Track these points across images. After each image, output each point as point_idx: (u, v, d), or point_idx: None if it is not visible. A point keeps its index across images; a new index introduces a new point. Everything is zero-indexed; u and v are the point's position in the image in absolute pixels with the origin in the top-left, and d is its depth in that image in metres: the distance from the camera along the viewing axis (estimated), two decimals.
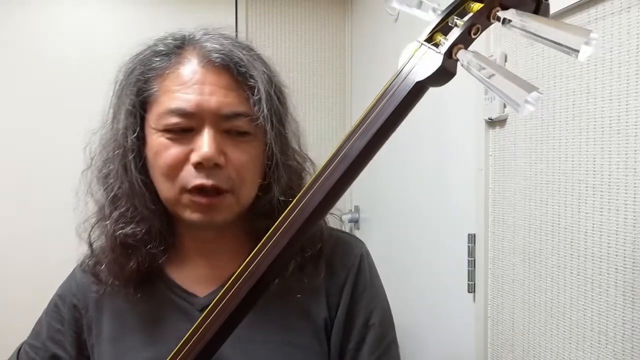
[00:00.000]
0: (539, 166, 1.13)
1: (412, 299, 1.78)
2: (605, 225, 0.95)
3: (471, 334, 1.39)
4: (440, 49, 0.49)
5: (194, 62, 0.66)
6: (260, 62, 0.69)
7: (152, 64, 0.67)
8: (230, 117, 0.65)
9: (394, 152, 1.91)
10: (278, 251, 0.53)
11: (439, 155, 1.61)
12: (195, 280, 0.73)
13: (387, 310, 0.78)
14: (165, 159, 0.65)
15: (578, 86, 1.01)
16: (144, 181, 0.68)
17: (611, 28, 0.93)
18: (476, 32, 0.49)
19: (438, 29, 0.51)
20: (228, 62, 0.66)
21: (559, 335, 1.07)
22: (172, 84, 0.65)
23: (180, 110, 0.64)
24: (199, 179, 0.64)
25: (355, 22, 2.46)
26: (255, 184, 0.69)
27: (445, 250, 1.56)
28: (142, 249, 0.69)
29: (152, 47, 0.69)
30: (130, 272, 0.70)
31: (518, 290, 1.21)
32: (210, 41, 0.68)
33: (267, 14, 2.41)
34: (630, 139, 0.89)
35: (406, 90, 0.50)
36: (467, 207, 1.41)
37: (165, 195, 0.68)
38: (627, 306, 0.90)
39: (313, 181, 0.54)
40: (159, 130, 0.65)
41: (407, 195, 1.83)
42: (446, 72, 0.49)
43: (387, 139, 0.54)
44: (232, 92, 0.65)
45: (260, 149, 0.68)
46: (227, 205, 0.66)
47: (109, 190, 0.70)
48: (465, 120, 1.42)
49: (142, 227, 0.69)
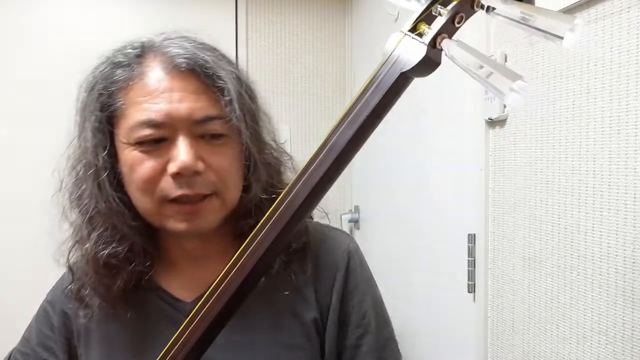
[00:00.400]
0: (539, 166, 1.13)
1: (412, 299, 1.78)
2: (605, 225, 0.95)
3: (471, 334, 1.39)
4: (424, 39, 0.49)
5: (158, 70, 0.63)
6: (226, 62, 0.67)
7: (114, 77, 0.65)
8: (203, 121, 0.63)
9: (395, 152, 1.91)
10: (265, 247, 0.52)
11: (439, 155, 1.61)
12: (182, 285, 0.72)
13: (379, 304, 0.76)
14: (141, 173, 0.63)
15: (578, 86, 1.01)
16: (120, 198, 0.66)
17: (611, 28, 0.93)
18: (460, 20, 0.49)
19: (422, 18, 0.50)
20: (193, 66, 0.63)
21: (559, 335, 1.07)
22: (138, 95, 0.63)
23: (151, 122, 0.61)
24: (180, 190, 0.62)
25: (355, 22, 2.46)
26: (238, 185, 0.67)
27: (445, 250, 1.56)
28: (127, 267, 0.68)
29: (111, 58, 0.67)
30: (118, 292, 0.68)
31: (518, 290, 1.21)
32: (172, 46, 0.65)
33: (267, 14, 2.41)
34: (630, 139, 0.89)
35: (391, 81, 0.50)
36: (467, 207, 1.41)
37: (144, 208, 0.66)
38: (627, 306, 0.90)
39: (300, 174, 0.53)
40: (131, 144, 0.63)
41: (407, 195, 1.83)
42: (430, 61, 0.49)
43: (374, 130, 0.53)
44: (202, 96, 0.63)
45: (237, 150, 0.66)
46: (212, 210, 0.65)
47: (84, 212, 0.68)
48: (465, 120, 1.42)
49: (124, 246, 0.67)
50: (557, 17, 0.44)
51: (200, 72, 0.64)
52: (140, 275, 0.69)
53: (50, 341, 0.76)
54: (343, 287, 0.72)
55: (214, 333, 0.54)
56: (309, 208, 0.55)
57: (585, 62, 0.99)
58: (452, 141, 1.53)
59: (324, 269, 0.72)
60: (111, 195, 0.65)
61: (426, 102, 1.65)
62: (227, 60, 0.68)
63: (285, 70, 2.43)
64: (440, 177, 1.60)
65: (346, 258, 0.74)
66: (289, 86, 2.44)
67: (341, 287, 0.72)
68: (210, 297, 0.53)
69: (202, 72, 0.64)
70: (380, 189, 2.10)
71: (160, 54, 0.65)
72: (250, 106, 0.67)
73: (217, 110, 0.64)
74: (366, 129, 0.52)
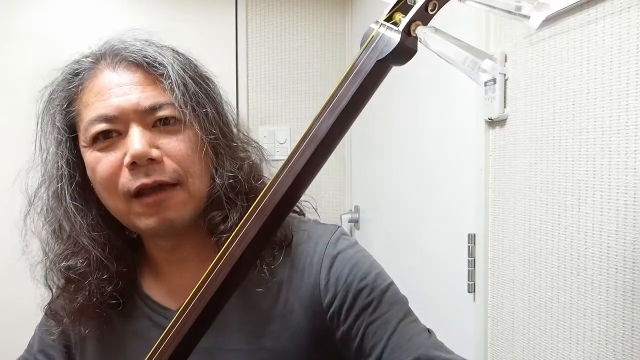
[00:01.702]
0: (539, 166, 1.13)
1: (412, 299, 1.77)
2: (605, 225, 0.95)
3: (471, 334, 1.39)
4: (399, 27, 0.50)
5: (106, 70, 0.65)
6: (170, 52, 0.68)
7: (70, 86, 0.67)
8: (153, 109, 0.63)
9: (394, 152, 1.91)
10: (250, 239, 0.52)
11: (439, 155, 1.61)
12: (169, 292, 0.72)
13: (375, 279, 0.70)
14: (101, 171, 0.63)
15: (578, 86, 1.01)
16: (78, 208, 0.66)
17: (611, 28, 0.93)
18: (433, 8, 0.50)
19: (397, 8, 0.52)
20: (136, 59, 0.65)
21: (559, 335, 1.07)
22: (89, 98, 0.65)
23: (102, 117, 0.63)
24: (138, 180, 0.62)
25: (355, 22, 2.46)
26: (203, 174, 0.66)
27: (445, 250, 1.56)
28: (84, 282, 0.66)
29: (66, 69, 0.69)
30: (80, 309, 0.67)
31: (518, 290, 1.21)
32: (118, 45, 0.67)
33: (267, 14, 2.41)
34: (630, 139, 0.89)
35: (368, 69, 0.51)
36: (467, 207, 1.41)
37: (115, 211, 0.65)
38: (627, 306, 0.90)
39: (284, 165, 0.53)
40: (89, 145, 0.64)
41: (407, 195, 1.83)
42: (406, 49, 0.50)
43: (355, 118, 0.54)
44: (148, 87, 0.64)
45: (195, 137, 0.65)
46: (179, 201, 0.64)
47: (49, 225, 0.68)
48: (465, 120, 1.42)
49: (81, 259, 0.66)
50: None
51: (143, 63, 0.65)
52: (100, 293, 0.67)
53: (51, 349, 0.77)
54: (332, 294, 0.67)
55: (194, 338, 0.53)
56: (295, 196, 0.55)
57: (585, 62, 0.99)
58: (452, 141, 1.53)
59: (307, 273, 0.68)
60: (68, 205, 0.65)
61: (426, 102, 1.65)
62: (173, 51, 0.69)
63: (285, 70, 2.43)
64: (440, 177, 1.60)
65: (327, 259, 0.69)
66: (289, 86, 2.44)
67: (330, 295, 0.67)
68: (192, 301, 0.53)
69: (144, 63, 0.65)
70: (380, 189, 2.10)
71: (109, 55, 0.67)
72: (196, 91, 0.66)
73: (165, 98, 0.64)
74: (346, 117, 0.52)
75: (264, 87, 2.39)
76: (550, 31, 1.08)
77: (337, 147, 0.54)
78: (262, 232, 0.53)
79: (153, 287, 0.73)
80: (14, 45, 2.12)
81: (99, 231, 0.67)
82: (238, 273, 0.54)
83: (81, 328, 0.70)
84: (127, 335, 0.71)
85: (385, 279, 0.72)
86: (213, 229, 0.66)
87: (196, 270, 0.69)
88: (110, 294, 0.68)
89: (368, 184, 2.25)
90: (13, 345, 0.87)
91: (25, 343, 0.81)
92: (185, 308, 0.53)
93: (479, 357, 1.35)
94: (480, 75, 0.45)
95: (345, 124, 0.53)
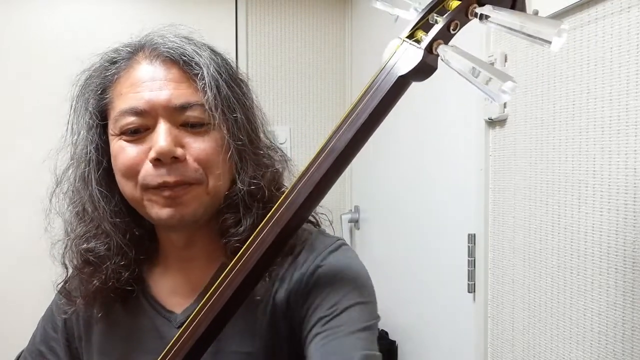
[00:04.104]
0: (539, 166, 1.13)
1: (412, 299, 1.78)
2: (605, 225, 0.95)
3: (471, 334, 1.39)
4: (421, 45, 0.52)
5: (143, 63, 0.66)
6: (208, 52, 0.68)
7: (106, 73, 0.67)
8: (183, 108, 0.64)
9: (394, 152, 1.91)
10: (265, 248, 0.53)
11: (439, 155, 1.61)
12: (173, 292, 0.72)
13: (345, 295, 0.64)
14: (123, 160, 0.64)
15: (578, 86, 1.01)
16: (102, 193, 0.67)
17: (611, 28, 0.93)
18: (455, 27, 0.52)
19: (419, 26, 0.54)
20: (174, 55, 0.65)
21: (559, 335, 1.07)
22: (123, 88, 0.65)
23: (132, 109, 0.63)
24: (160, 177, 0.62)
25: (355, 22, 2.46)
26: (224, 175, 0.66)
27: (445, 250, 1.56)
28: (102, 266, 0.67)
29: (105, 57, 0.69)
30: (95, 291, 0.68)
31: (518, 290, 1.21)
32: (157, 39, 0.68)
33: (267, 14, 2.41)
34: (630, 139, 0.89)
35: (389, 85, 0.52)
36: (467, 207, 1.41)
37: (129, 197, 0.66)
38: (627, 306, 0.90)
39: (300, 176, 0.53)
40: (117, 134, 0.65)
41: (407, 195, 1.83)
42: (427, 66, 0.51)
43: (373, 133, 0.55)
44: (182, 84, 0.65)
45: (221, 140, 0.65)
46: (195, 197, 0.64)
47: (73, 207, 0.69)
48: (465, 120, 1.42)
49: (102, 243, 0.67)
50: (545, 23, 0.46)
51: (179, 60, 0.65)
52: (117, 279, 0.68)
53: (53, 341, 0.77)
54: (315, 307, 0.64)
55: (205, 343, 0.54)
56: (309, 208, 0.55)
57: (585, 62, 0.99)
58: (452, 141, 1.53)
59: (295, 280, 0.67)
60: (94, 189, 0.66)
61: (426, 102, 1.65)
62: (211, 51, 0.69)
63: (285, 71, 2.43)
64: (440, 177, 1.60)
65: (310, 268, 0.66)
66: (289, 86, 2.44)
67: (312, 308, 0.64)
68: (202, 309, 0.53)
69: (181, 61, 0.65)
70: (380, 189, 2.10)
71: (148, 48, 0.67)
72: (228, 95, 0.66)
73: (197, 98, 0.64)
74: (365, 131, 0.53)
75: (264, 87, 2.39)
76: None
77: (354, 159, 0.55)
78: (277, 241, 0.54)
79: (158, 282, 0.73)
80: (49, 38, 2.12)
81: (122, 218, 0.68)
82: (251, 281, 0.55)
83: (93, 311, 0.72)
84: (131, 333, 0.71)
85: (355, 298, 0.63)
86: (224, 231, 0.66)
87: (202, 272, 0.70)
88: (126, 280, 0.69)
89: (368, 184, 2.25)
90: None
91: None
92: (198, 312, 0.54)
93: (479, 357, 1.35)
94: (500, 96, 0.46)
95: (364, 138, 0.54)
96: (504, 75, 0.46)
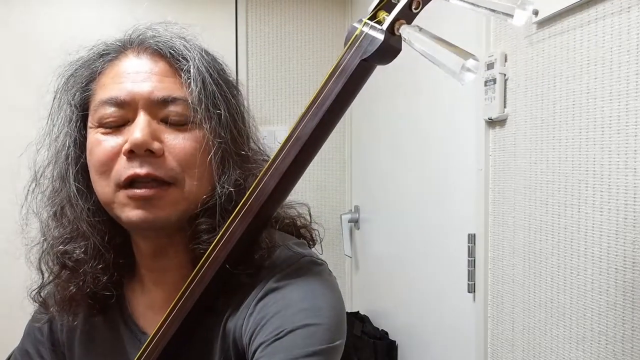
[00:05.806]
0: (539, 166, 1.13)
1: (412, 299, 1.78)
2: (605, 225, 0.95)
3: (471, 334, 1.39)
4: (382, 26, 0.49)
5: (131, 56, 0.64)
6: (198, 49, 0.66)
7: (93, 66, 0.65)
8: (165, 101, 0.61)
9: (394, 152, 1.91)
10: (235, 241, 0.50)
11: (439, 155, 1.61)
12: (149, 307, 0.68)
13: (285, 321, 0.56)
14: (98, 154, 0.60)
15: (578, 86, 1.01)
16: (80, 190, 0.63)
17: (611, 28, 0.93)
18: (417, 6, 0.49)
19: (381, 6, 0.51)
20: (162, 48, 0.63)
21: (559, 335, 1.07)
22: (107, 79, 0.63)
23: (112, 99, 0.60)
24: (132, 169, 0.58)
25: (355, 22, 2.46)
26: (203, 177, 0.61)
27: (445, 250, 1.56)
28: (79, 270, 0.63)
29: (94, 49, 0.67)
30: (71, 298, 0.64)
31: (518, 290, 1.21)
32: (147, 32, 0.67)
33: (267, 14, 2.41)
34: (630, 139, 0.89)
35: (352, 69, 0.50)
36: (467, 207, 1.41)
37: (101, 197, 0.62)
38: (627, 306, 0.90)
39: (268, 166, 0.51)
40: (95, 127, 0.62)
41: (407, 195, 1.83)
42: (390, 48, 0.49)
43: (339, 119, 0.53)
44: (167, 78, 0.62)
45: (203, 140, 0.61)
46: (171, 200, 0.59)
47: (51, 207, 0.66)
48: (465, 120, 1.42)
49: (79, 245, 0.63)
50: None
51: (167, 53, 0.63)
52: (95, 284, 0.64)
53: (40, 344, 0.76)
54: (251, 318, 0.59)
55: None
56: (279, 198, 0.53)
57: (585, 62, 0.99)
58: (452, 141, 1.53)
59: (246, 302, 0.60)
60: (72, 186, 0.63)
61: (426, 102, 1.65)
62: (201, 49, 0.67)
63: (285, 70, 2.43)
64: (440, 177, 1.60)
65: (261, 289, 0.59)
66: (289, 86, 2.43)
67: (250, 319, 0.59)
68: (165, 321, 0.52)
69: (169, 54, 0.63)
70: (380, 189, 2.10)
71: (136, 41, 0.66)
72: (216, 92, 0.63)
73: (181, 93, 0.62)
74: (330, 117, 0.51)
75: (264, 87, 2.39)
76: (550, 31, 1.08)
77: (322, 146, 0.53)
78: (247, 233, 0.51)
79: (136, 298, 0.70)
80: None
81: (100, 217, 0.63)
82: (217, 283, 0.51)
83: (69, 320, 0.68)
84: (113, 347, 0.69)
85: (303, 319, 0.55)
86: (195, 236, 0.61)
87: (174, 288, 0.63)
88: (104, 285, 0.64)
89: (368, 184, 2.25)
90: None
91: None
92: (158, 330, 0.51)
93: (479, 357, 1.35)
94: (464, 75, 0.44)
95: (330, 125, 0.52)
96: (466, 54, 0.44)
